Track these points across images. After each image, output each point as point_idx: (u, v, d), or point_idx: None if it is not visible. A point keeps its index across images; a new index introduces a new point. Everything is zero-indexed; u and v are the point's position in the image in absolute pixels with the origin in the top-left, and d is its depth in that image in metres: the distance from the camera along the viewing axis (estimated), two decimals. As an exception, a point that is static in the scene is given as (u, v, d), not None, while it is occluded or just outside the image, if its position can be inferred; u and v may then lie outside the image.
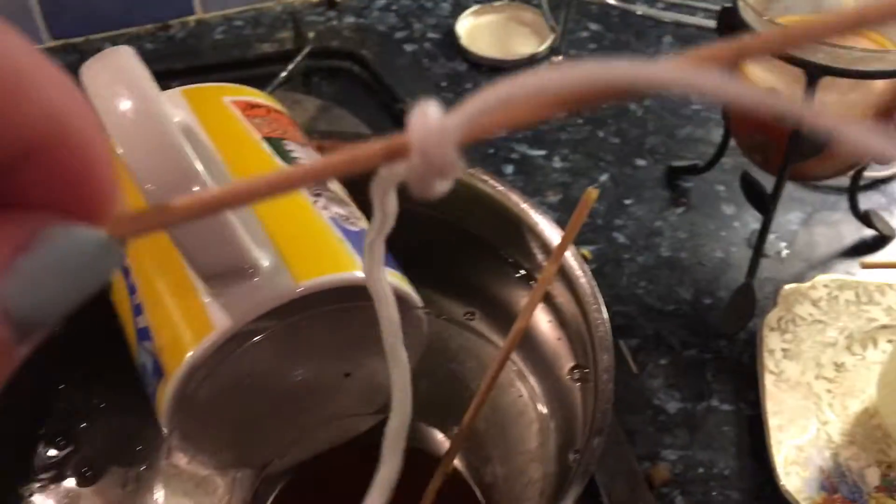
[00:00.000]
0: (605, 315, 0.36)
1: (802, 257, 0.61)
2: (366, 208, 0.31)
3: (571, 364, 0.39)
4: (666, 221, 0.63)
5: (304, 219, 0.33)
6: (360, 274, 0.32)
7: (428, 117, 0.13)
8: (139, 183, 0.28)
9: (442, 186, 0.14)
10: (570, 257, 0.38)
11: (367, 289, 0.34)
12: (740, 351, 0.56)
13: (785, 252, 0.61)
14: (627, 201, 0.64)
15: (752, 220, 0.63)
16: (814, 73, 0.46)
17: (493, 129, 0.13)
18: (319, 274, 0.31)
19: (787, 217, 0.63)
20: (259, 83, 0.48)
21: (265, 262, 0.31)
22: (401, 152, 0.14)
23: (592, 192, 0.28)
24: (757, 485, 0.50)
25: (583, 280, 0.37)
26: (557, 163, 0.67)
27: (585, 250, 0.61)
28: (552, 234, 0.38)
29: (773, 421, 0.50)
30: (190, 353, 0.30)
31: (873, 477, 0.49)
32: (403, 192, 0.16)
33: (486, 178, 0.41)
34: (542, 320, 0.42)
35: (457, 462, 0.36)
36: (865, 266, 0.45)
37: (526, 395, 0.31)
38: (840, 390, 0.53)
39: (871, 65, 0.46)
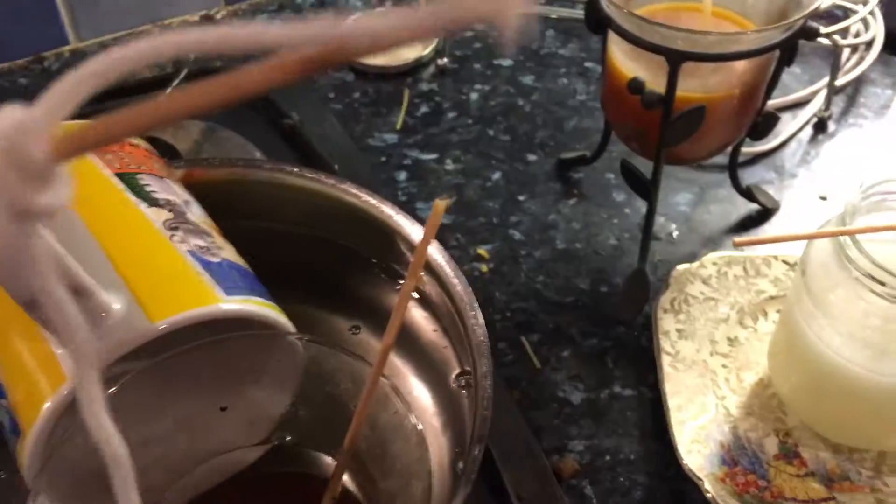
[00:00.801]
0: (481, 320, 0.36)
1: (693, 237, 0.62)
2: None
3: (457, 371, 0.39)
4: (560, 214, 0.64)
5: (160, 254, 0.33)
6: (224, 306, 0.32)
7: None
8: None
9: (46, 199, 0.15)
10: (445, 265, 0.38)
11: (235, 320, 0.33)
12: (638, 335, 0.57)
13: (675, 233, 0.63)
14: (521, 197, 0.65)
15: (643, 205, 0.64)
16: (675, 60, 0.47)
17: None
18: (177, 311, 0.31)
19: (676, 199, 0.64)
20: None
21: (116, 304, 0.30)
22: None
23: (440, 204, 0.28)
24: (662, 466, 0.51)
25: (458, 287, 0.37)
26: (450, 165, 0.67)
27: (482, 250, 0.61)
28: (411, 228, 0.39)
29: (673, 402, 0.51)
30: (45, 406, 0.29)
31: (772, 446, 0.50)
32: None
33: (352, 189, 0.41)
34: (428, 329, 0.42)
35: (348, 483, 0.36)
36: (738, 245, 0.46)
37: (401, 410, 0.31)
38: (735, 364, 0.54)
39: (728, 47, 0.47)
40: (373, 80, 0.74)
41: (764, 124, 0.54)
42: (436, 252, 0.39)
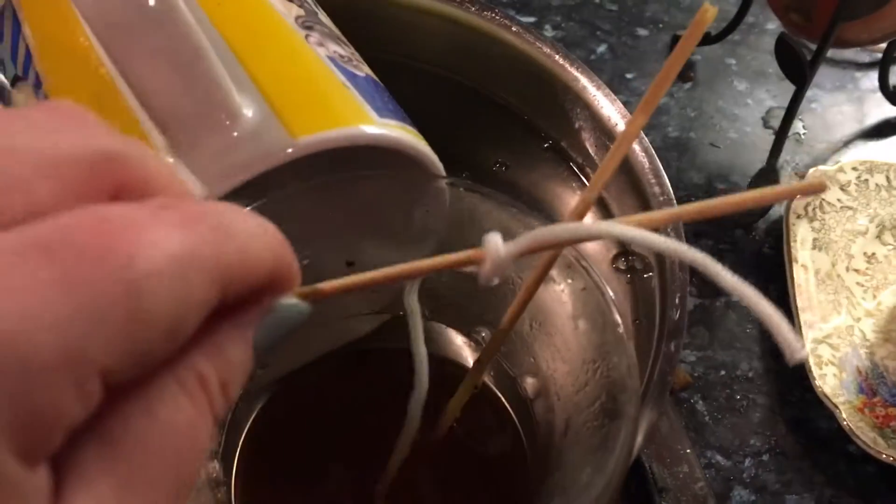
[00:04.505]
0: (669, 190, 0.29)
1: (822, 138, 0.55)
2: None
3: (614, 252, 0.32)
4: (673, 98, 0.56)
5: (297, 57, 0.25)
6: (373, 129, 0.24)
7: (495, 243, 0.20)
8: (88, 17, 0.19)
9: (493, 281, 0.20)
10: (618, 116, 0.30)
11: (376, 152, 0.26)
12: (760, 241, 0.50)
13: (803, 133, 0.55)
14: (629, 75, 0.57)
15: (768, 96, 0.56)
16: None
17: (534, 252, 0.20)
18: (323, 128, 0.24)
19: (806, 94, 0.57)
20: None
21: (248, 110, 0.23)
22: (477, 260, 0.20)
23: (710, 9, 0.21)
24: (784, 388, 0.45)
25: (637, 149, 0.30)
26: (549, 31, 0.59)
27: (584, 130, 0.54)
28: (595, 93, 0.31)
29: (804, 317, 0.45)
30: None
31: (911, 377, 0.44)
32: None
33: (508, 23, 0.33)
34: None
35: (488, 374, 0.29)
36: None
37: (591, 286, 0.24)
38: (872, 283, 0.48)
39: None
40: None
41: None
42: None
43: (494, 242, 0.20)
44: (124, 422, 0.13)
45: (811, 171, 0.50)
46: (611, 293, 0.24)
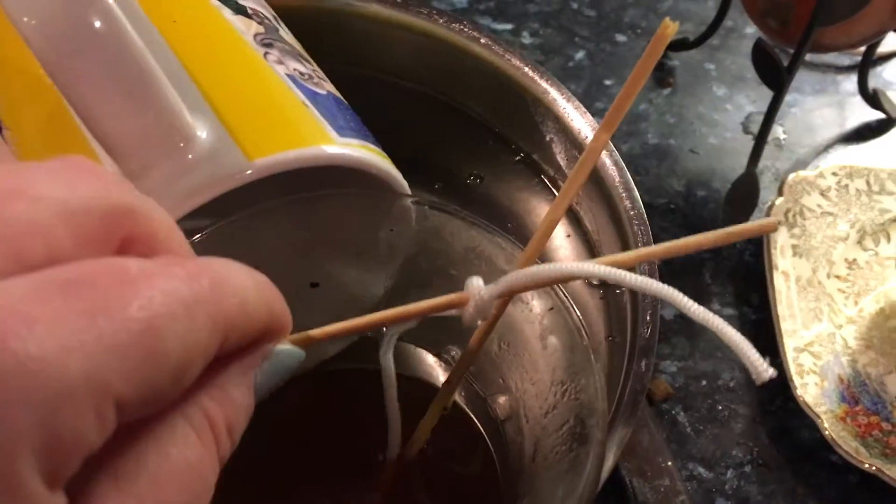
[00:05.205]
0: (640, 204, 0.29)
1: (803, 143, 0.55)
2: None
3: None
4: (652, 104, 0.56)
5: (254, 76, 0.24)
6: (338, 150, 0.24)
7: (477, 286, 0.21)
8: (13, 15, 0.19)
9: (477, 322, 0.22)
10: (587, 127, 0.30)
11: (339, 171, 0.25)
12: (741, 249, 0.50)
13: (784, 137, 0.55)
14: (608, 82, 0.57)
15: (747, 101, 0.56)
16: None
17: (514, 294, 0.22)
18: (280, 149, 0.23)
19: (785, 98, 0.56)
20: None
21: (202, 132, 0.22)
22: (461, 304, 0.21)
23: (670, 25, 0.20)
24: (766, 397, 0.44)
25: (608, 162, 0.29)
26: (527, 38, 0.58)
27: (563, 137, 0.53)
28: (566, 106, 0.30)
29: (786, 325, 0.44)
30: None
31: (894, 385, 0.44)
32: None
33: (477, 35, 0.32)
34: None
35: (458, 394, 0.29)
36: None
37: (559, 307, 0.24)
38: (853, 290, 0.47)
39: None
40: None
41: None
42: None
43: (477, 286, 0.21)
44: (137, 458, 0.13)
45: (791, 176, 0.50)
46: (578, 314, 0.24)
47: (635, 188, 0.29)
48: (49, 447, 0.12)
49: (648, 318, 0.26)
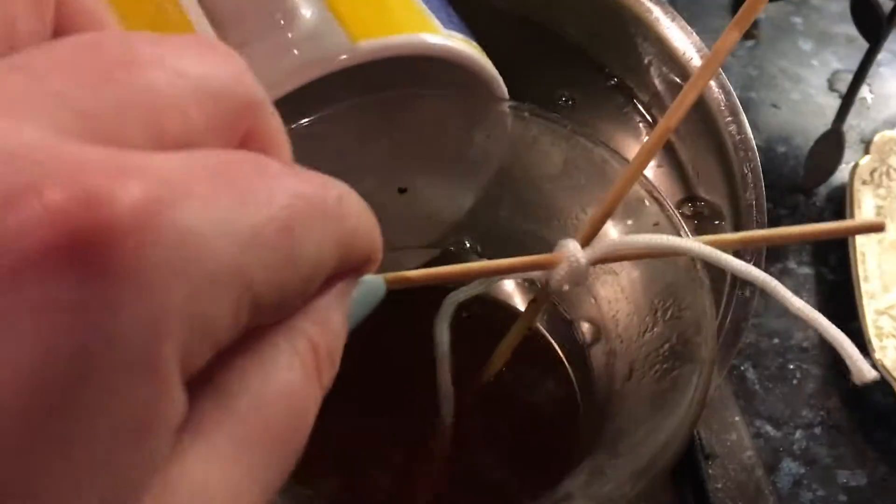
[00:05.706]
0: (747, 129, 0.27)
1: (889, 104, 0.52)
2: None
3: (680, 196, 0.30)
4: (733, 56, 0.54)
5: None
6: (438, 39, 0.23)
7: (573, 249, 0.20)
8: None
9: (563, 287, 0.20)
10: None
11: (435, 70, 0.24)
12: (821, 208, 0.48)
13: (869, 96, 0.52)
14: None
15: (834, 58, 0.54)
16: None
17: (611, 261, 0.22)
18: (384, 33, 0.22)
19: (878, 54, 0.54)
20: None
21: (306, 10, 0.21)
22: (552, 264, 0.20)
23: None
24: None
25: (713, 84, 0.28)
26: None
27: (639, 84, 0.51)
28: (669, 25, 0.29)
29: (866, 287, 0.43)
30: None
31: (976, 354, 0.42)
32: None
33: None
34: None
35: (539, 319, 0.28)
36: None
37: (665, 224, 0.22)
38: (938, 256, 0.45)
39: None
40: None
41: None
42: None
43: (573, 249, 0.20)
44: (241, 377, 0.12)
45: (878, 135, 0.48)
46: (686, 230, 0.22)
47: (743, 112, 0.27)
48: (192, 332, 0.11)
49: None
